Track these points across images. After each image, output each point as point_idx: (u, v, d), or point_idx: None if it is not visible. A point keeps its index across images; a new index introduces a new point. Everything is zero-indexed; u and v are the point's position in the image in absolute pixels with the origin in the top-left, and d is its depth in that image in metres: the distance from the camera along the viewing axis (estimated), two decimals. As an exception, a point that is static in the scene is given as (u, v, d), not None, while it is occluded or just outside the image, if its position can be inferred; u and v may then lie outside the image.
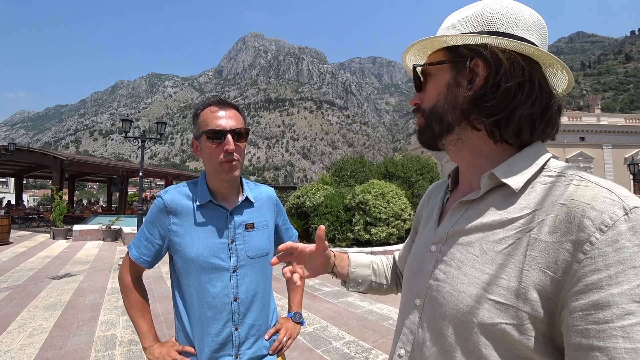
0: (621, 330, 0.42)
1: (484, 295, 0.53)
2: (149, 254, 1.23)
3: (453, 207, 0.66)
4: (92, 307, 5.18)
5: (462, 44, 0.61)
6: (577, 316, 0.46)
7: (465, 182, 0.69)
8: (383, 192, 8.75)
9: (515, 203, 0.56)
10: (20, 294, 5.89)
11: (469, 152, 0.65)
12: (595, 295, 0.44)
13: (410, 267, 0.73)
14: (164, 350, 1.20)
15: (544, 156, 0.59)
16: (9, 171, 23.39)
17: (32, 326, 4.37)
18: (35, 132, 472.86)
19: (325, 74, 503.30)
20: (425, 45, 0.67)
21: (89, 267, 8.24)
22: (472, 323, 0.54)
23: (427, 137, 0.68)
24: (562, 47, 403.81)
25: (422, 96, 0.69)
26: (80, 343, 3.85)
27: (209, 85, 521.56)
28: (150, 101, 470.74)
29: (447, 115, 0.63)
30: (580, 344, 0.45)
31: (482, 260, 0.56)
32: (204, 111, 1.21)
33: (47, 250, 10.71)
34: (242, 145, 1.21)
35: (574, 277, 0.47)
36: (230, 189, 1.27)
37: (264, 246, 1.29)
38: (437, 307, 0.60)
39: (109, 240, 12.95)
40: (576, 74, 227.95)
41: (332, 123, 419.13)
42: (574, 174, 0.54)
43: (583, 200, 0.49)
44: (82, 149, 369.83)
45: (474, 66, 0.60)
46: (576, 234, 0.47)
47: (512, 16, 0.60)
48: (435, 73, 0.66)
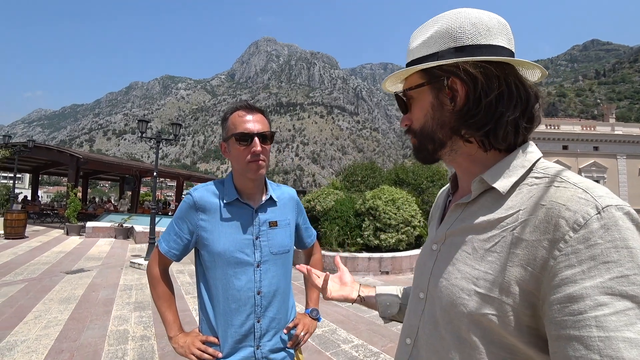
0: (595, 320, 0.45)
1: (473, 289, 0.58)
2: (178, 247, 1.30)
3: (451, 210, 0.71)
4: (105, 302, 5.28)
5: (434, 66, 0.65)
6: (554, 309, 0.49)
7: (464, 187, 0.74)
8: (394, 198, 8.73)
9: (503, 205, 0.61)
10: (35, 286, 6.03)
11: (464, 159, 0.69)
12: (570, 289, 0.48)
13: (417, 264, 0.79)
14: (188, 339, 1.26)
15: (531, 158, 0.63)
16: (26, 167, 23.92)
17: (48, 318, 4.48)
18: (51, 130, 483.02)
19: (337, 79, 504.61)
20: (400, 73, 0.72)
21: (102, 263, 8.39)
22: (463, 313, 0.59)
23: (422, 156, 0.73)
24: (576, 55, 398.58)
25: (411, 117, 0.72)
26: (93, 336, 3.94)
27: (221, 88, 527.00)
28: (163, 103, 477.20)
29: (437, 133, 0.68)
30: (559, 335, 0.48)
31: (473, 258, 0.61)
32: (233, 115, 1.27)
33: (61, 246, 10.94)
34: (268, 147, 1.28)
35: (550, 272, 0.51)
36: (256, 189, 1.33)
37: (285, 243, 1.35)
38: (435, 299, 0.66)
39: (120, 238, 13.15)
40: (590, 82, 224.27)
41: (343, 128, 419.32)
42: (555, 175, 0.58)
43: (560, 202, 0.53)
44: (96, 147, 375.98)
45: (452, 84, 0.64)
46: (552, 233, 0.52)
47: (473, 27, 0.63)
48: (417, 96, 0.70)
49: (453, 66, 0.62)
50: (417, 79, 0.69)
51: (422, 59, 0.67)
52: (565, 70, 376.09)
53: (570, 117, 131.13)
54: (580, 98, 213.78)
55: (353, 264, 7.81)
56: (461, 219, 0.67)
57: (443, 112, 0.66)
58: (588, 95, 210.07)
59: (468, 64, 0.61)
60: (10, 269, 7.31)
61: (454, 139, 0.67)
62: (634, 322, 0.44)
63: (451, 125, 0.66)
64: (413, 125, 0.72)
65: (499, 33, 0.63)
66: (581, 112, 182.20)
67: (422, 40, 0.67)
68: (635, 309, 0.45)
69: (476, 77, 0.61)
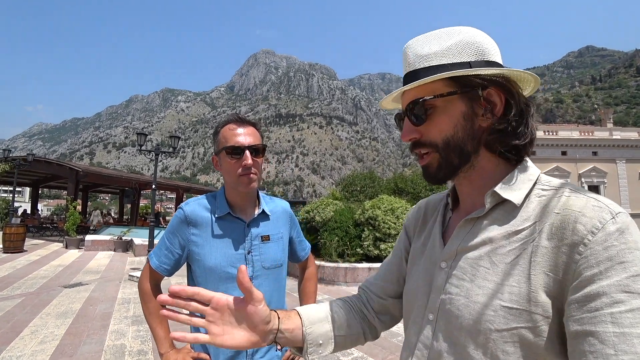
0: (610, 317, 0.47)
1: (498, 304, 0.57)
2: (169, 262, 1.29)
3: (460, 225, 0.68)
4: (102, 316, 5.23)
5: (474, 74, 0.62)
6: (573, 307, 0.51)
7: (468, 202, 0.71)
8: (393, 207, 8.72)
9: (517, 216, 0.61)
10: (33, 301, 5.98)
11: (478, 175, 0.68)
12: (589, 288, 0.49)
13: (417, 286, 0.74)
14: (179, 356, 1.23)
15: (534, 171, 0.65)
16: (25, 181, 23.97)
17: (44, 333, 4.44)
18: (52, 143, 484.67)
19: (335, 89, 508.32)
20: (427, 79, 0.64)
21: (100, 277, 8.34)
22: (489, 330, 0.57)
23: (444, 174, 0.67)
24: (571, 61, 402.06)
25: (423, 130, 0.67)
26: (90, 351, 3.89)
27: (221, 100, 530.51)
28: (163, 115, 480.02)
29: (467, 145, 0.64)
30: (577, 332, 0.50)
31: (492, 272, 0.59)
32: (224, 128, 1.27)
33: (60, 259, 10.88)
34: (259, 160, 1.27)
35: (573, 275, 0.52)
36: (248, 202, 1.32)
37: (278, 257, 1.34)
38: (452, 319, 0.62)
39: (119, 250, 13.09)
40: (587, 88, 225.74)
41: (342, 138, 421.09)
42: (564, 187, 0.60)
43: (575, 209, 0.55)
44: (96, 160, 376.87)
45: (487, 95, 0.63)
46: (571, 238, 0.53)
47: (492, 46, 0.65)
48: (444, 105, 0.64)
49: (497, 75, 0.62)
50: (444, 86, 0.64)
51: (449, 66, 0.63)
52: (562, 77, 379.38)
53: (568, 122, 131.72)
54: (578, 104, 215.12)
55: (353, 275, 7.76)
56: (473, 233, 0.65)
57: (474, 124, 0.64)
58: (585, 100, 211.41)
59: (507, 76, 0.63)
60: (8, 283, 7.26)
61: (478, 154, 0.66)
62: None
63: (482, 138, 0.64)
64: (429, 137, 0.66)
65: (500, 55, 0.67)
66: (579, 117, 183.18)
67: (444, 48, 0.64)
68: None
69: (518, 90, 0.63)
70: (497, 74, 0.62)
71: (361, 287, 0.92)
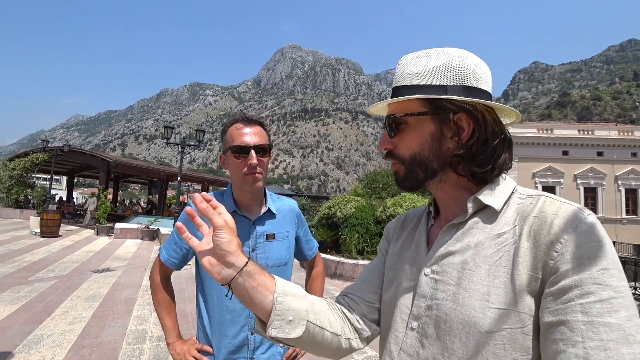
0: (580, 307, 0.51)
1: (487, 306, 0.58)
2: (177, 257, 1.33)
3: (442, 231, 0.70)
4: (127, 301, 5.45)
5: (445, 99, 0.66)
6: (548, 300, 0.54)
7: (448, 211, 0.74)
8: (415, 206, 8.60)
9: (497, 221, 0.64)
10: (65, 283, 6.32)
11: (451, 188, 0.71)
12: (563, 282, 0.53)
13: (397, 293, 0.74)
14: (185, 347, 1.29)
15: (511, 183, 0.70)
16: (62, 170, 25.32)
17: (73, 314, 4.68)
18: (87, 134, 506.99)
19: (361, 85, 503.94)
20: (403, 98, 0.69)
21: (127, 263, 8.69)
22: (480, 333, 0.57)
23: (409, 183, 0.72)
24: (612, 56, 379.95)
25: (396, 142, 0.72)
26: (113, 334, 4.07)
27: (248, 94, 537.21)
28: (191, 109, 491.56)
29: (432, 163, 0.69)
30: (550, 322, 0.53)
31: (478, 274, 0.61)
32: (231, 128, 1.29)
33: (91, 245, 11.41)
34: (265, 160, 1.28)
35: (550, 272, 0.55)
36: (254, 201, 1.34)
37: (283, 256, 1.35)
38: (440, 324, 0.63)
39: (146, 239, 13.57)
40: (628, 85, 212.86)
41: (367, 134, 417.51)
42: (539, 194, 0.64)
43: (550, 212, 0.59)
44: (127, 152, 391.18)
45: (457, 119, 0.66)
46: (548, 238, 0.57)
47: (477, 71, 0.67)
48: (415, 123, 0.69)
49: (464, 103, 0.65)
50: (418, 106, 0.68)
51: (426, 87, 0.67)
52: (601, 73, 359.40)
53: (606, 121, 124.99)
54: (617, 101, 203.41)
55: (371, 271, 7.72)
56: (456, 239, 0.67)
57: (442, 144, 0.68)
58: (625, 98, 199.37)
59: (476, 105, 0.66)
60: (43, 266, 7.70)
61: (446, 170, 0.69)
62: (616, 310, 0.49)
63: (448, 159, 0.68)
64: (399, 150, 0.72)
65: (488, 81, 0.69)
66: (618, 116, 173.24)
67: (427, 69, 0.67)
68: (617, 298, 0.50)
69: (486, 119, 0.66)
70: (468, 101, 0.65)
71: (342, 294, 0.85)
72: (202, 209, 0.62)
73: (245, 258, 0.63)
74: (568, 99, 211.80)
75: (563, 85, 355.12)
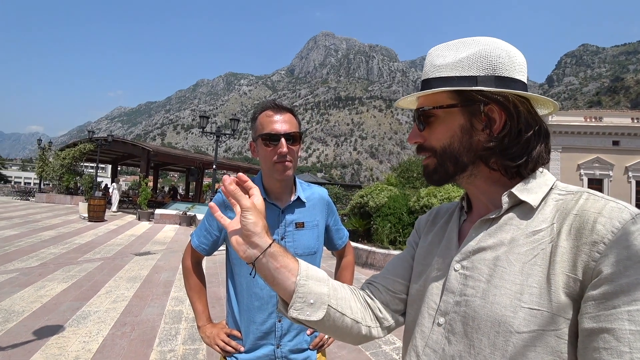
0: (627, 314, 0.47)
1: (518, 305, 0.55)
2: (208, 243, 1.35)
3: (475, 226, 0.67)
4: (165, 283, 5.71)
5: (476, 90, 0.63)
6: (590, 304, 0.50)
7: (481, 206, 0.71)
8: (450, 197, 8.32)
9: (534, 218, 0.61)
10: (109, 265, 6.72)
11: (483, 182, 0.68)
12: (607, 286, 0.49)
13: (425, 287, 0.72)
14: (214, 330, 1.31)
15: (550, 178, 0.66)
16: (107, 159, 26.84)
17: (117, 294, 4.97)
18: (129, 125, 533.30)
19: (396, 72, 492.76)
20: (432, 91, 0.67)
21: (166, 247, 9.10)
22: (509, 332, 0.55)
23: (438, 177, 0.70)
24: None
25: (426, 136, 0.70)
26: (152, 314, 4.28)
27: (281, 83, 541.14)
28: (227, 98, 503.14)
29: (462, 156, 0.66)
30: (592, 329, 0.49)
31: (510, 272, 0.58)
32: (261, 115, 1.26)
33: (133, 230, 12.05)
34: (295, 148, 1.25)
35: (592, 274, 0.51)
36: (284, 189, 1.31)
37: (312, 245, 1.33)
38: (468, 321, 0.60)
39: (184, 225, 14.15)
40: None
41: (402, 122, 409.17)
42: (582, 191, 0.60)
43: (594, 210, 0.55)
44: (167, 141, 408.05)
45: (488, 111, 0.63)
46: (590, 237, 0.53)
47: (509, 59, 0.64)
48: (444, 115, 0.67)
49: (494, 94, 0.62)
50: (447, 98, 0.66)
51: (455, 79, 0.64)
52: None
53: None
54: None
55: (403, 262, 7.61)
56: (489, 234, 0.64)
57: (472, 137, 0.65)
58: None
59: (508, 95, 0.62)
60: (91, 248, 8.24)
61: (477, 164, 0.66)
62: None
63: (479, 152, 0.65)
64: (430, 143, 0.69)
65: (523, 70, 0.66)
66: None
67: (456, 60, 0.65)
68: None
69: (519, 110, 0.62)
70: (499, 92, 0.62)
71: (367, 282, 0.85)
72: (231, 191, 0.65)
73: (269, 240, 0.65)
74: (621, 84, 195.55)
75: (615, 69, 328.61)
